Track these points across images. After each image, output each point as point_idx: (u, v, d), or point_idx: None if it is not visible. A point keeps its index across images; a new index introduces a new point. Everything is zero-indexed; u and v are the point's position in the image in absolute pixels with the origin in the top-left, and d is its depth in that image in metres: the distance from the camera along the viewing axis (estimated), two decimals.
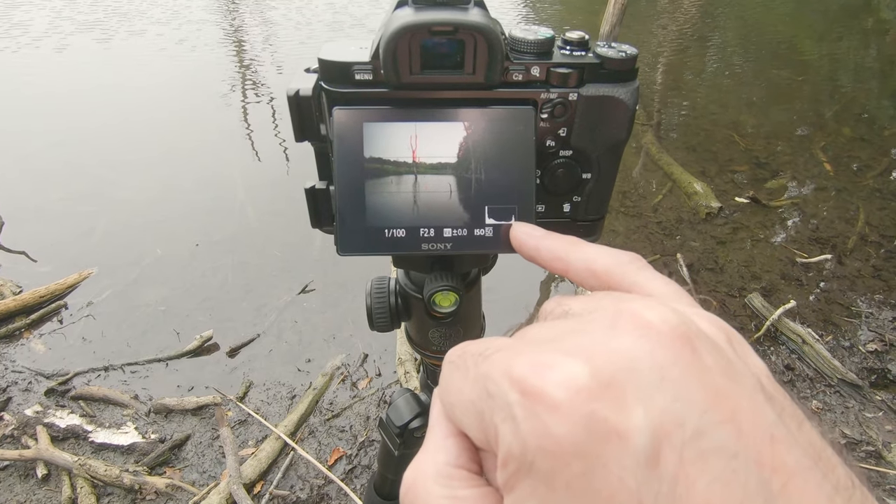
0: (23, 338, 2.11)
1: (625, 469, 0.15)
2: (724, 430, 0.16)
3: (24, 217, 2.75)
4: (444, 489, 0.20)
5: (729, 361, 0.18)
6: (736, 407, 0.16)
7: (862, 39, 5.56)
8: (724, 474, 0.15)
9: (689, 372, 0.17)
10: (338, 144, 0.33)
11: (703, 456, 0.15)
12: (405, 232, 0.34)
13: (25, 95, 4.04)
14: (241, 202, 2.89)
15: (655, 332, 0.18)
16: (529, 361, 0.18)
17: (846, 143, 3.48)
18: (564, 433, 0.16)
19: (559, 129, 0.35)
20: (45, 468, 1.65)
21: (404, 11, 0.30)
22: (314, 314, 2.23)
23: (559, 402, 0.16)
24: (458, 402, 0.21)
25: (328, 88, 0.33)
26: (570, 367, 0.17)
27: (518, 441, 0.17)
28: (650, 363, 0.17)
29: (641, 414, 0.16)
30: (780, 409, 0.18)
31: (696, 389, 0.16)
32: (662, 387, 0.16)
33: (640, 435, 0.15)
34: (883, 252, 2.56)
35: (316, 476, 1.66)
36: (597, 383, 0.16)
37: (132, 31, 5.26)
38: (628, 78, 0.34)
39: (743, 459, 0.15)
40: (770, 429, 0.16)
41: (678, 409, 0.16)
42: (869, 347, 2.09)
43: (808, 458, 0.16)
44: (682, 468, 0.15)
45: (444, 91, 0.33)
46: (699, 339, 0.18)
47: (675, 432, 0.15)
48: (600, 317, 0.19)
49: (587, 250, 0.26)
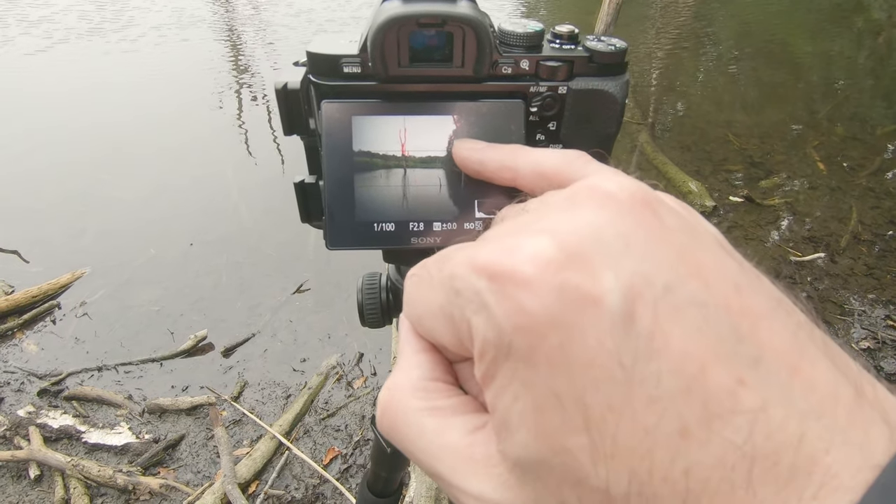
0: (15, 338, 2.09)
1: (602, 332, 0.15)
2: (693, 283, 0.16)
3: (16, 217, 2.73)
4: (421, 402, 0.20)
5: (688, 223, 0.19)
6: (701, 262, 0.17)
7: (854, 39, 5.59)
8: (696, 323, 0.15)
9: (652, 234, 0.17)
10: (326, 138, 0.33)
11: (676, 309, 0.16)
12: (394, 226, 0.34)
13: (16, 95, 4.02)
14: (234, 202, 2.88)
15: (615, 200, 0.18)
16: (493, 248, 0.17)
17: (839, 142, 3.50)
18: (538, 306, 0.16)
19: (549, 122, 0.35)
20: (38, 469, 1.64)
21: (392, 4, 0.30)
22: (309, 314, 2.23)
23: (529, 277, 0.16)
24: (426, 312, 0.20)
25: (316, 81, 0.33)
26: (536, 243, 0.17)
27: (492, 327, 0.16)
28: (614, 230, 0.17)
29: (612, 277, 0.16)
30: (739, 263, 0.18)
31: (662, 249, 0.17)
32: (629, 251, 0.16)
33: (613, 297, 0.15)
34: (875, 250, 2.57)
35: (311, 475, 1.65)
36: (564, 255, 0.16)
37: (124, 30, 5.24)
38: (618, 71, 0.34)
39: (713, 308, 0.16)
40: (734, 279, 0.17)
41: (647, 269, 0.16)
42: (862, 345, 2.10)
43: (770, 303, 0.17)
44: (657, 323, 0.15)
45: (433, 84, 0.33)
46: (658, 202, 0.18)
47: (646, 290, 0.16)
48: (558, 199, 0.19)
49: (534, 153, 0.26)
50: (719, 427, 0.15)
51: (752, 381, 0.15)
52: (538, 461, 0.16)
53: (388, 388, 0.21)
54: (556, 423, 0.16)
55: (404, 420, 0.20)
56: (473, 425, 0.19)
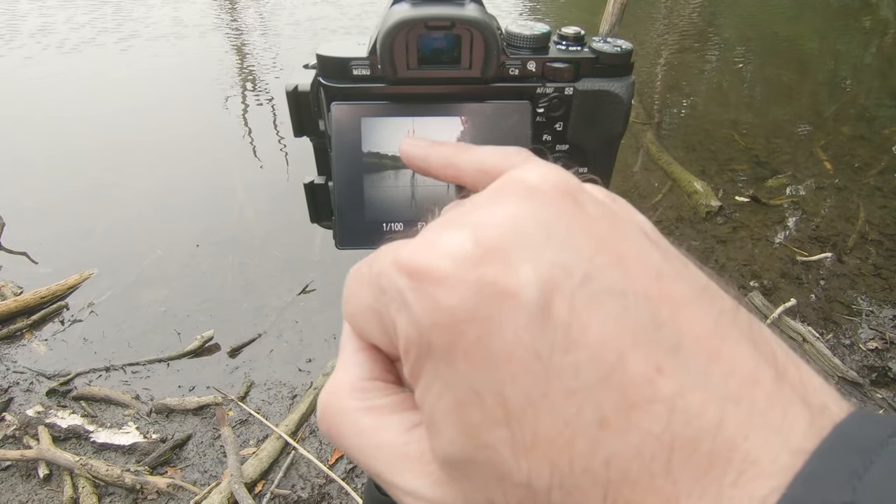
0: (24, 338, 2.11)
1: (519, 326, 0.15)
2: (612, 272, 0.16)
3: (25, 218, 2.75)
4: (359, 402, 0.20)
5: (612, 211, 0.18)
6: (622, 251, 0.17)
7: (861, 38, 5.56)
8: (615, 311, 0.15)
9: (574, 223, 0.17)
10: (336, 139, 0.33)
11: (594, 298, 0.15)
12: (403, 226, 0.35)
13: (24, 98, 4.05)
14: (240, 203, 2.90)
15: (538, 191, 0.18)
16: (415, 244, 0.17)
17: (846, 141, 3.48)
18: (455, 303, 0.16)
19: (555, 123, 0.35)
20: (47, 468, 1.65)
21: (401, 7, 0.31)
22: (314, 314, 2.24)
23: (446, 273, 0.16)
24: (357, 311, 0.20)
25: (326, 84, 0.34)
26: (454, 239, 0.16)
27: (413, 325, 0.16)
28: (535, 222, 0.17)
29: (529, 270, 0.16)
30: (664, 251, 0.18)
31: (583, 238, 0.16)
32: (548, 241, 0.16)
33: (530, 289, 0.15)
34: (883, 250, 2.56)
35: (317, 475, 1.66)
36: (482, 249, 0.16)
37: (132, 33, 5.27)
38: (624, 72, 0.35)
39: (632, 296, 0.16)
40: (656, 266, 0.17)
41: (566, 259, 0.16)
42: (869, 345, 2.09)
43: (693, 289, 0.17)
44: (575, 313, 0.15)
45: (441, 86, 0.33)
46: (581, 192, 0.18)
47: (564, 281, 0.16)
48: (486, 192, 0.19)
49: (476, 151, 0.26)
50: (637, 416, 0.15)
51: (670, 367, 0.15)
52: (464, 458, 0.16)
53: (327, 389, 0.21)
54: (477, 419, 0.16)
55: (341, 420, 0.20)
56: (410, 423, 0.19)
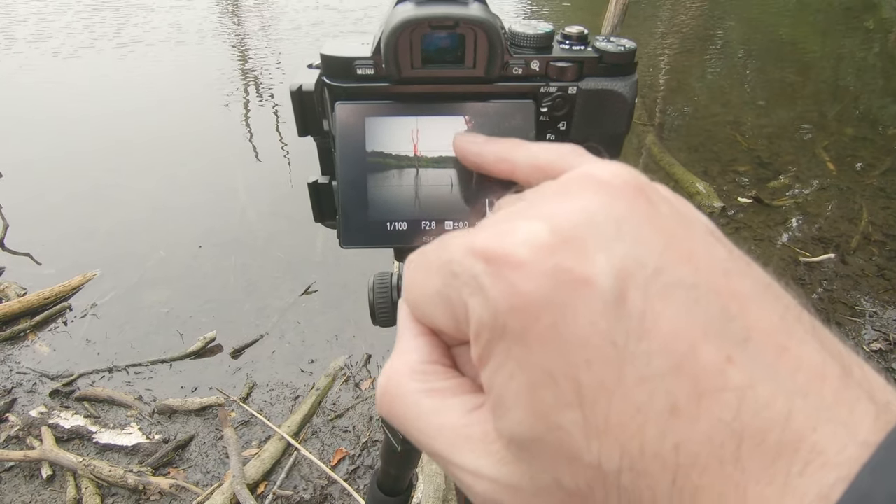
0: (27, 339, 2.12)
1: (594, 312, 0.16)
2: (683, 266, 0.17)
3: (28, 220, 2.77)
4: (420, 384, 0.20)
5: (679, 211, 0.19)
6: (691, 248, 0.17)
7: (864, 39, 5.55)
8: (686, 304, 0.16)
9: (645, 219, 0.17)
10: (340, 139, 0.34)
11: (666, 290, 0.16)
12: (407, 225, 0.35)
13: (26, 100, 4.07)
14: (243, 204, 2.90)
15: (609, 186, 0.18)
16: (489, 232, 0.18)
17: (849, 142, 3.48)
18: (532, 288, 0.16)
19: (559, 122, 0.35)
20: (50, 469, 1.65)
21: (405, 6, 0.31)
22: (317, 315, 2.24)
23: (523, 259, 0.16)
24: (423, 297, 0.21)
25: (330, 83, 0.34)
26: (531, 228, 0.17)
27: (488, 308, 0.17)
28: (607, 215, 0.17)
29: (604, 260, 0.16)
30: (729, 249, 0.18)
31: (653, 234, 0.17)
32: (621, 235, 0.17)
33: (605, 278, 0.16)
34: (886, 251, 2.55)
35: (319, 476, 1.66)
36: (558, 238, 0.17)
37: (133, 37, 5.29)
38: (627, 72, 0.35)
39: (703, 289, 0.16)
40: (723, 264, 0.17)
41: (638, 253, 0.16)
42: (873, 347, 2.08)
43: (759, 287, 0.17)
44: (648, 303, 0.16)
45: (445, 85, 0.34)
46: (652, 189, 0.19)
47: (637, 272, 0.16)
48: (553, 187, 0.20)
49: (530, 146, 0.26)
50: (708, 404, 0.15)
51: (740, 359, 0.15)
52: (533, 438, 0.17)
53: (387, 372, 0.22)
54: (550, 401, 0.16)
55: (402, 402, 0.20)
56: (471, 405, 0.19)
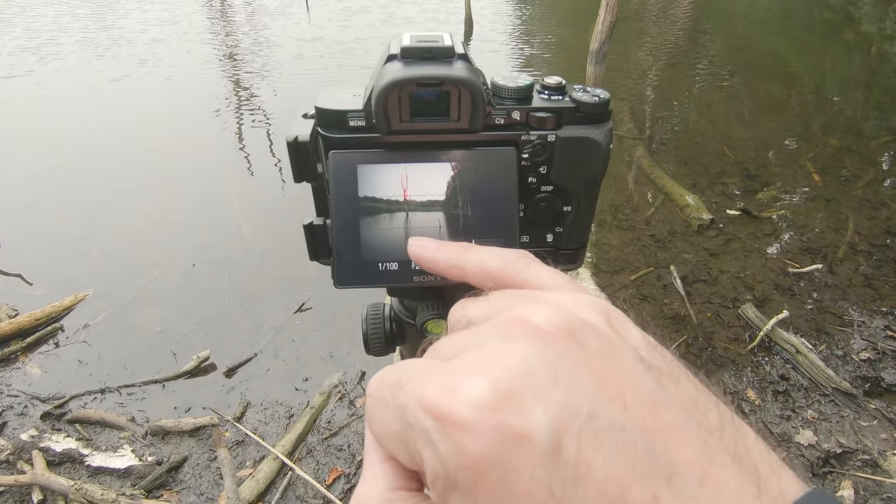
0: (18, 361, 2.10)
1: (534, 466, 0.17)
2: (613, 407, 0.18)
3: (20, 240, 2.75)
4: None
5: (610, 342, 0.20)
6: (620, 384, 0.19)
7: (845, 52, 5.68)
8: (616, 446, 0.17)
9: (577, 364, 0.19)
10: (334, 185, 0.35)
11: (597, 436, 0.17)
12: (398, 265, 0.36)
13: (21, 121, 4.07)
14: (237, 222, 2.91)
15: (543, 333, 0.20)
16: (437, 387, 0.19)
17: (834, 153, 3.55)
18: (477, 448, 0.18)
19: (540, 167, 0.37)
20: (41, 493, 1.64)
21: (394, 66, 0.33)
22: (311, 332, 2.24)
23: (467, 421, 0.18)
24: (384, 434, 0.22)
25: (325, 134, 0.36)
26: (473, 386, 0.19)
27: (440, 463, 0.18)
28: (542, 364, 0.19)
29: (540, 412, 0.18)
30: (657, 374, 0.20)
31: (585, 378, 0.19)
32: (556, 384, 0.18)
33: (542, 431, 0.17)
34: (873, 261, 2.59)
35: (314, 496, 1.65)
36: (498, 395, 0.18)
37: (124, 54, 5.32)
38: (602, 119, 0.37)
39: (630, 430, 0.18)
40: (650, 395, 0.19)
41: (572, 400, 0.18)
42: (862, 356, 2.11)
43: (684, 413, 0.19)
44: (581, 451, 0.17)
45: (432, 135, 0.35)
46: (582, 330, 0.20)
47: (571, 421, 0.18)
48: (495, 326, 0.21)
49: (479, 253, 0.28)
50: None
51: (665, 495, 0.17)
52: None
53: (357, 497, 0.23)
54: None
55: None
56: None
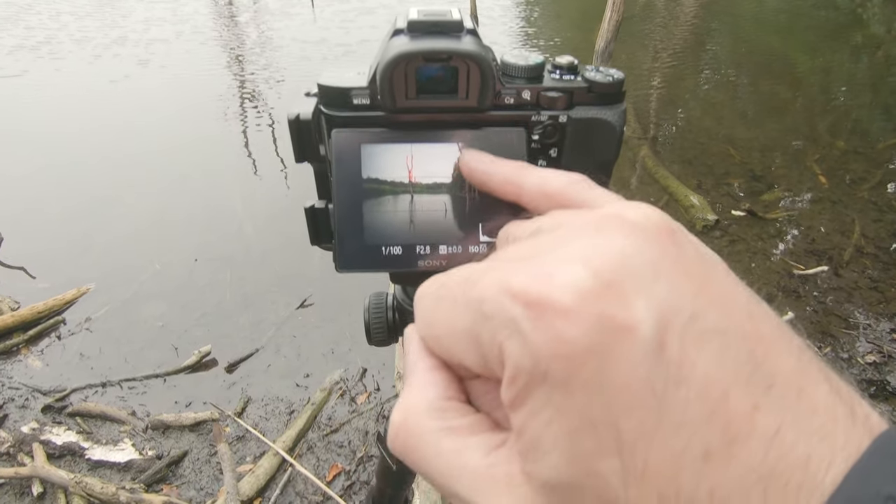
0: (20, 354, 2.10)
1: (635, 359, 0.16)
2: (714, 311, 0.17)
3: (23, 233, 2.76)
4: (438, 422, 0.20)
5: (702, 252, 0.20)
6: (719, 291, 0.18)
7: (853, 54, 5.64)
8: (719, 350, 0.17)
9: (676, 263, 0.18)
10: (336, 166, 0.34)
11: (700, 337, 0.17)
12: (402, 249, 0.35)
13: (24, 115, 4.08)
14: (239, 218, 2.90)
15: (641, 229, 0.19)
16: (528, 274, 0.18)
17: (840, 155, 3.52)
18: (577, 335, 0.16)
19: (550, 149, 0.36)
20: (41, 486, 1.63)
21: (400, 39, 0.32)
22: (312, 329, 2.23)
23: (568, 306, 0.17)
24: (447, 333, 0.20)
25: (327, 112, 0.35)
26: (572, 272, 0.17)
27: (529, 353, 0.17)
28: (642, 259, 0.18)
29: (643, 307, 0.17)
30: (747, 290, 0.20)
31: (685, 279, 0.18)
32: (657, 280, 0.17)
33: (646, 326, 0.16)
34: (879, 263, 2.57)
35: (314, 492, 1.65)
36: (600, 284, 0.17)
37: (127, 47, 5.32)
38: (615, 101, 0.36)
39: (732, 335, 0.17)
40: (747, 306, 0.18)
41: (674, 298, 0.17)
42: (867, 359, 2.09)
43: (777, 328, 0.18)
44: (684, 350, 0.16)
45: (439, 114, 0.34)
46: (679, 232, 0.20)
47: (674, 319, 0.17)
48: (581, 224, 0.20)
49: (540, 172, 0.27)
50: (738, 450, 0.16)
51: (765, 405, 0.16)
52: (569, 484, 0.17)
53: (402, 408, 0.21)
54: (590, 448, 0.16)
55: (420, 441, 0.20)
56: (491, 444, 0.19)
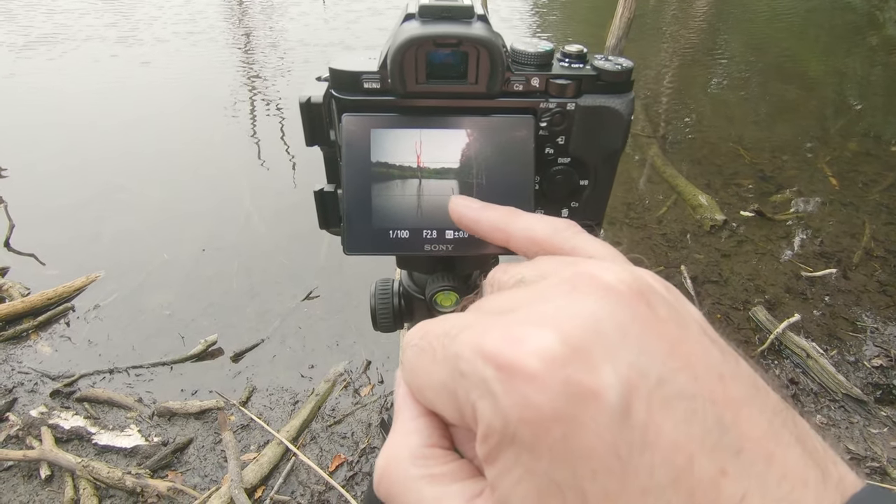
0: (30, 339, 2.13)
1: (601, 425, 0.16)
2: (682, 375, 0.17)
3: (34, 220, 2.79)
4: (420, 469, 0.21)
5: (676, 311, 0.20)
6: (689, 352, 0.18)
7: (868, 55, 5.57)
8: (685, 415, 0.17)
9: (647, 327, 0.18)
10: (346, 149, 0.35)
11: (667, 402, 0.17)
12: (409, 233, 0.36)
13: (35, 102, 4.11)
14: (247, 209, 2.92)
15: (614, 292, 0.19)
16: (500, 336, 0.18)
17: (852, 157, 3.48)
18: (544, 401, 0.16)
19: (558, 137, 0.36)
20: (49, 469, 1.66)
21: (411, 24, 0.32)
22: (318, 320, 2.25)
23: (535, 372, 0.17)
24: (428, 385, 0.21)
25: (338, 96, 0.35)
26: (541, 337, 0.17)
27: (499, 415, 0.17)
28: (613, 323, 0.18)
29: (611, 371, 0.17)
30: (721, 349, 0.19)
31: (655, 342, 0.18)
32: (626, 344, 0.17)
33: (612, 391, 0.16)
34: (889, 267, 2.55)
35: (317, 482, 1.66)
36: (568, 349, 0.17)
37: (140, 38, 5.35)
38: (624, 89, 0.36)
39: (700, 400, 0.17)
40: (718, 368, 0.18)
41: (642, 363, 0.17)
42: (874, 363, 2.08)
43: (750, 389, 0.18)
44: (651, 415, 0.16)
45: (448, 100, 0.35)
46: (652, 294, 0.19)
47: (641, 384, 0.17)
48: (558, 282, 0.20)
49: (527, 219, 0.27)
50: None
51: (733, 471, 0.16)
52: None
53: (386, 454, 0.22)
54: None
55: (403, 487, 0.21)
56: (471, 492, 0.19)
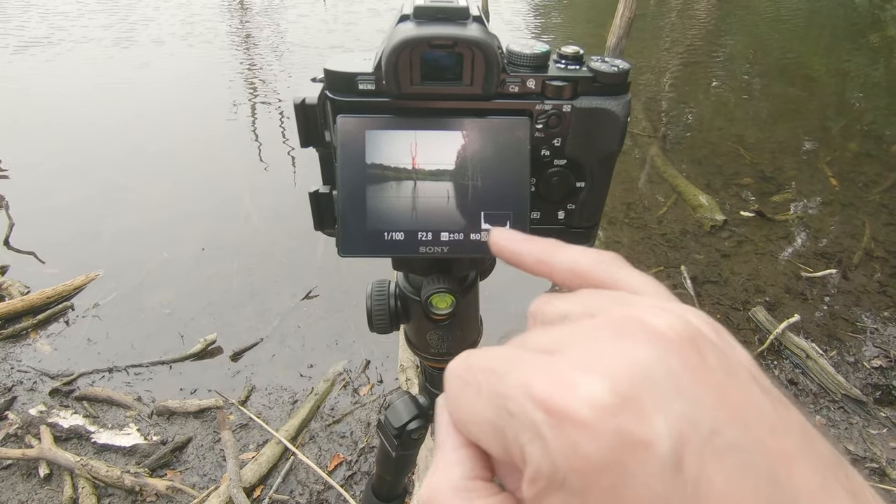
0: (29, 338, 2.13)
1: (652, 476, 0.16)
2: (734, 427, 0.17)
3: (34, 219, 2.79)
4: (463, 502, 0.21)
5: (727, 358, 0.19)
6: (740, 403, 0.18)
7: (869, 56, 5.56)
8: (738, 469, 0.16)
9: (698, 376, 0.18)
10: (341, 151, 0.35)
11: (719, 454, 0.16)
12: (404, 235, 0.36)
13: (35, 101, 4.11)
14: (246, 208, 2.92)
15: (665, 339, 0.19)
16: (550, 380, 0.18)
17: (852, 158, 3.48)
18: (594, 450, 0.16)
19: (553, 139, 0.36)
20: (48, 468, 1.66)
21: (406, 25, 0.32)
22: (317, 320, 2.25)
23: (586, 420, 0.17)
24: (473, 420, 0.21)
25: (333, 97, 0.35)
26: (592, 384, 0.17)
27: (548, 460, 0.17)
28: (664, 371, 0.18)
29: (662, 422, 0.16)
30: (772, 398, 0.19)
31: (706, 392, 0.17)
32: (677, 393, 0.17)
33: (664, 442, 0.16)
34: (889, 268, 2.54)
35: (316, 481, 1.66)
36: (619, 398, 0.17)
37: (139, 38, 5.35)
38: (620, 91, 0.36)
39: (752, 453, 0.17)
40: (769, 419, 0.18)
41: (693, 413, 0.17)
42: (874, 363, 2.07)
43: (802, 442, 0.18)
44: (703, 468, 0.16)
45: (444, 101, 0.35)
46: (702, 341, 0.19)
47: (693, 435, 0.16)
48: (605, 323, 0.20)
49: (569, 252, 0.27)
50: None
51: None
52: None
53: (430, 486, 0.22)
54: None
55: None
56: None
